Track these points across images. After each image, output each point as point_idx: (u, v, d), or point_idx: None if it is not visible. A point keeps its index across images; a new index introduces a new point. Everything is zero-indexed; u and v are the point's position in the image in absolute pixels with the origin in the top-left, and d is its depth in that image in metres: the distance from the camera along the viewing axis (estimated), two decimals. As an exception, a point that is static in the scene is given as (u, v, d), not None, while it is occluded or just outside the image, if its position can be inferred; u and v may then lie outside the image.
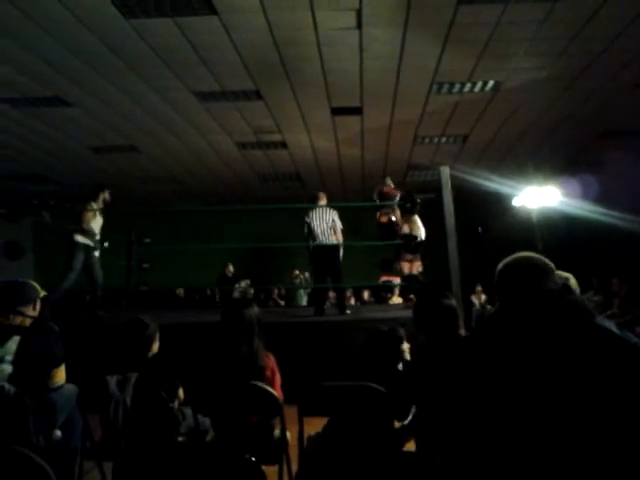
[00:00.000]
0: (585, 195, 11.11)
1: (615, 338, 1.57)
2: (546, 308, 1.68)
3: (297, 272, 13.00)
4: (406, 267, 7.42)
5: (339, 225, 6.93)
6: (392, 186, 8.11)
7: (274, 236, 13.56)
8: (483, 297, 12.01)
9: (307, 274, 12.92)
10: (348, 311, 6.84)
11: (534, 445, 1.53)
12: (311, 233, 6.88)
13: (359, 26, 6.09)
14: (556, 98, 8.30)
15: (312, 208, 7.07)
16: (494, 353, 1.71)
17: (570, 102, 8.48)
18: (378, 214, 8.05)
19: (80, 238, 6.48)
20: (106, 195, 6.88)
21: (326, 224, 6.85)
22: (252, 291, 12.32)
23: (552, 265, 1.83)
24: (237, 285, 11.68)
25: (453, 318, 2.62)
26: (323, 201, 7.16)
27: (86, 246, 6.54)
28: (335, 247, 6.89)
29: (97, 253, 6.73)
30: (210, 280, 12.74)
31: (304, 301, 12.77)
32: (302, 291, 12.89)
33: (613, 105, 8.63)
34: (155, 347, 3.12)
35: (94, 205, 6.69)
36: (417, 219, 7.46)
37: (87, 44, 6.39)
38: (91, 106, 8.35)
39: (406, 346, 3.32)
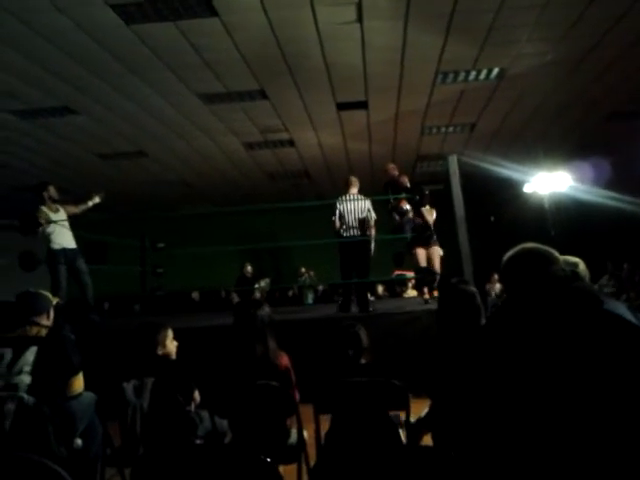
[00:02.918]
0: (596, 179, 11.02)
1: (624, 323, 1.55)
2: (553, 295, 1.66)
3: (303, 270, 12.95)
4: (422, 254, 7.09)
5: (373, 216, 6.48)
6: (396, 173, 7.81)
7: (285, 234, 13.62)
8: (498, 286, 11.93)
9: (312, 273, 12.89)
10: (371, 308, 6.28)
11: (545, 436, 1.52)
12: (343, 222, 6.39)
13: (360, 19, 6.08)
14: (562, 82, 8.22)
15: (344, 194, 6.58)
16: (503, 344, 1.70)
17: (576, 85, 8.40)
18: (394, 201, 7.32)
19: (53, 245, 6.29)
20: (50, 192, 6.45)
21: (361, 212, 6.40)
22: (266, 290, 12.34)
23: (557, 254, 1.82)
24: (257, 285, 11.68)
25: (476, 311, 2.61)
26: (355, 187, 6.65)
27: (64, 250, 6.34)
28: (367, 240, 6.40)
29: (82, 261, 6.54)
30: (225, 281, 12.78)
31: (310, 299, 12.66)
32: (308, 290, 12.84)
33: (620, 87, 8.53)
34: (167, 350, 3.13)
35: (44, 208, 6.33)
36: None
37: (90, 52, 6.44)
38: (97, 113, 8.41)
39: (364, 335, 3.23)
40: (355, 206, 6.43)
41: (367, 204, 6.50)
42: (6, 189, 12.16)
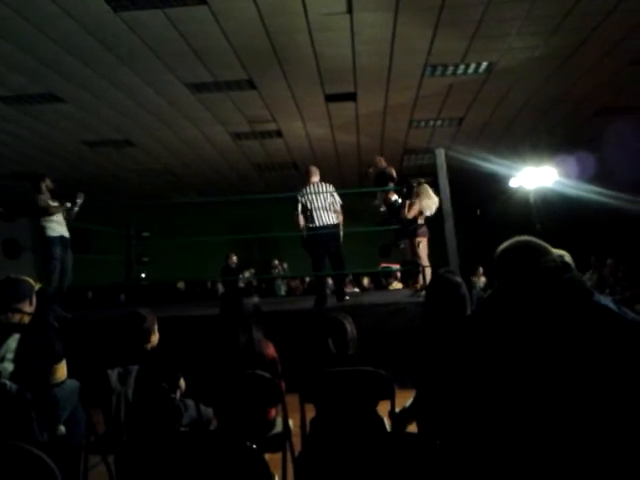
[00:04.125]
0: (582, 174, 11.10)
1: (612, 315, 1.58)
2: (543, 286, 1.68)
3: (276, 262, 12.98)
4: (409, 246, 7.07)
5: (338, 200, 6.35)
6: (384, 164, 7.58)
7: (273, 226, 13.61)
8: (483, 279, 12.02)
9: (285, 265, 12.94)
10: (347, 297, 6.44)
11: (531, 426, 1.53)
12: (307, 213, 6.22)
13: (349, 10, 6.05)
14: (551, 77, 8.26)
15: (306, 184, 6.41)
16: (492, 333, 1.71)
17: (565, 81, 8.45)
18: (383, 193, 7.34)
19: (54, 232, 6.25)
20: (48, 183, 6.38)
21: (324, 200, 6.24)
22: (255, 282, 12.36)
23: (549, 247, 1.84)
24: (241, 276, 11.69)
25: (462, 300, 2.63)
26: (316, 176, 6.49)
27: (61, 237, 6.32)
28: (336, 227, 6.27)
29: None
30: (210, 272, 12.75)
31: (282, 291, 12.68)
32: (280, 282, 12.84)
33: (608, 82, 8.58)
34: (154, 339, 3.12)
35: (43, 197, 6.27)
36: (428, 192, 6.75)
37: (78, 39, 6.36)
38: (84, 101, 8.32)
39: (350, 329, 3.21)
40: (319, 195, 6.30)
41: (330, 189, 6.36)
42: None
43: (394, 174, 7.35)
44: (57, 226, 6.31)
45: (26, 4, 5.60)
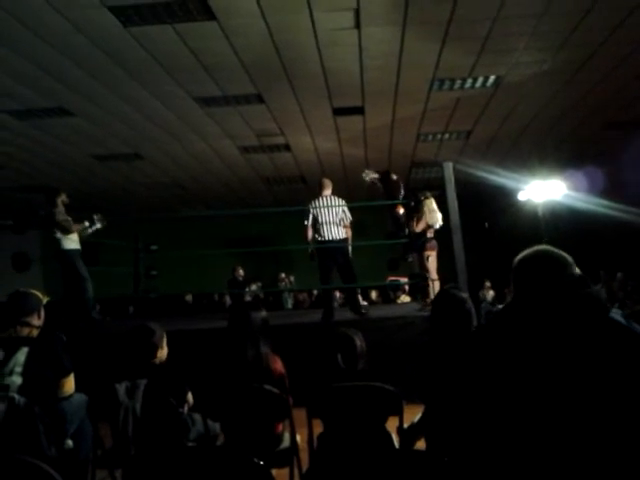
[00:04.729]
0: (590, 187, 11.06)
1: (628, 332, 1.55)
2: (560, 301, 1.64)
3: (283, 275, 12.98)
4: (416, 257, 7.05)
5: (349, 217, 6.37)
6: (376, 175, 7.55)
7: (282, 238, 13.62)
8: (491, 293, 11.97)
9: (292, 278, 12.91)
10: (363, 310, 6.28)
11: (545, 441, 1.51)
12: (317, 225, 6.22)
13: (357, 26, 6.08)
14: (558, 91, 8.26)
15: (317, 196, 6.40)
16: (505, 347, 1.69)
17: (572, 95, 8.44)
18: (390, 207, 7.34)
19: (71, 244, 6.40)
20: (63, 198, 6.53)
21: (335, 215, 6.23)
22: (262, 295, 12.35)
23: (571, 258, 1.78)
24: (247, 289, 11.68)
25: (467, 315, 2.62)
26: (329, 189, 6.51)
27: (79, 250, 6.47)
28: (344, 241, 6.29)
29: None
30: (218, 285, 12.74)
31: (289, 304, 12.67)
32: (287, 295, 12.82)
33: (615, 96, 8.58)
34: (163, 353, 3.12)
35: (59, 211, 6.40)
36: (432, 205, 6.85)
37: (87, 53, 6.41)
38: (94, 115, 8.38)
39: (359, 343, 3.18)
40: (329, 208, 6.30)
41: (342, 203, 6.39)
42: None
43: (394, 179, 7.29)
44: (71, 242, 6.44)
45: (35, 19, 5.64)
